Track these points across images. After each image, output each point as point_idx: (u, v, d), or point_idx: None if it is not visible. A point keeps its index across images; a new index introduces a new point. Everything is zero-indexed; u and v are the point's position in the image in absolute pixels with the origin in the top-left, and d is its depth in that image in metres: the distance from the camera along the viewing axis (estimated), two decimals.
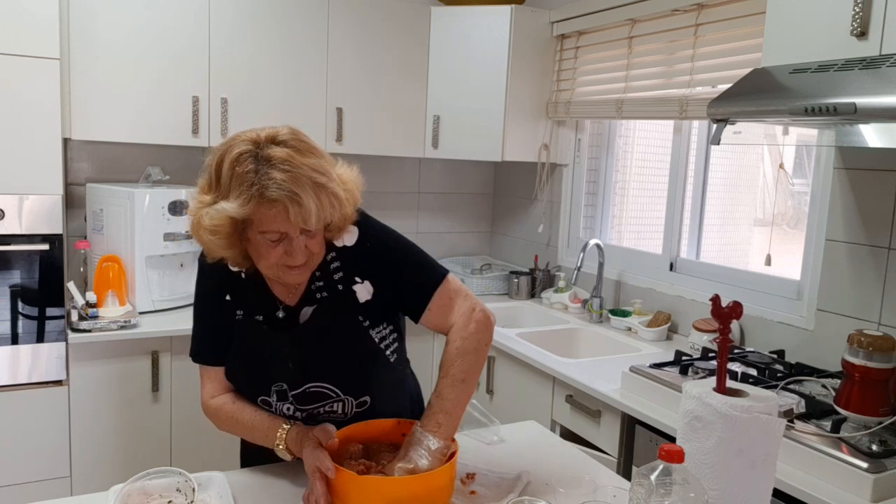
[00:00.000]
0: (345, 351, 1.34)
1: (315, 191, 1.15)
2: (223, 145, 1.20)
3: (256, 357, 1.35)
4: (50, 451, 2.38)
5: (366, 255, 1.35)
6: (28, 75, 2.24)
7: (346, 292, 1.35)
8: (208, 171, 1.21)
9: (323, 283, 1.35)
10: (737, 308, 1.14)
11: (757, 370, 1.96)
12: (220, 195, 1.17)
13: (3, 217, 2.26)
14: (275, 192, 1.12)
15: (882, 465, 1.44)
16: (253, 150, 1.16)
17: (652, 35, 2.65)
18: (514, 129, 3.10)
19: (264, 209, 1.14)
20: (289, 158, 1.15)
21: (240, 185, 1.14)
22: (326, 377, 1.34)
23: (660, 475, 0.97)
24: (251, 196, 1.13)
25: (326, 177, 1.18)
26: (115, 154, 2.93)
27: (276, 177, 1.13)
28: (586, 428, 2.15)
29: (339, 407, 1.37)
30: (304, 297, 1.35)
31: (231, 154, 1.16)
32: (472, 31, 3.06)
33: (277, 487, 1.35)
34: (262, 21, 2.78)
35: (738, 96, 1.74)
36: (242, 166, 1.14)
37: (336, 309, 1.34)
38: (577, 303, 2.94)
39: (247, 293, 1.36)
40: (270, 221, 1.16)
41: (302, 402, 1.35)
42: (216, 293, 1.38)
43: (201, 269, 1.42)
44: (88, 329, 2.37)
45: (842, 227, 2.03)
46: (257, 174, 1.13)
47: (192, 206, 1.23)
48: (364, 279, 1.35)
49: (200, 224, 1.19)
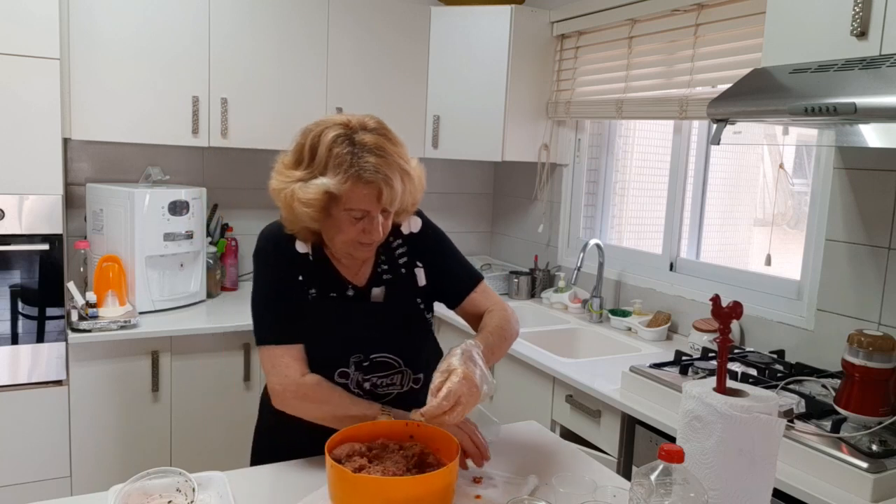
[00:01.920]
0: (410, 327, 1.49)
1: (402, 176, 1.31)
2: (316, 127, 1.32)
3: (332, 331, 1.42)
4: (50, 451, 2.38)
5: (426, 242, 1.52)
6: (28, 75, 2.24)
7: (409, 275, 1.50)
8: (299, 150, 1.33)
9: (388, 266, 1.49)
10: (737, 308, 1.14)
11: (757, 370, 1.96)
12: (315, 172, 1.29)
13: (3, 217, 2.26)
14: (371, 175, 1.27)
15: (882, 465, 1.44)
16: (347, 134, 1.29)
17: (652, 35, 2.64)
18: (514, 129, 3.10)
19: (359, 188, 1.27)
20: (381, 145, 1.29)
21: (337, 165, 1.27)
22: (393, 348, 1.45)
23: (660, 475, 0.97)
24: (349, 176, 1.26)
25: (408, 164, 1.35)
26: (115, 154, 2.93)
27: (371, 161, 1.27)
28: (586, 428, 2.15)
29: (398, 379, 1.47)
30: (371, 279, 1.47)
31: (327, 136, 1.29)
32: (472, 31, 3.06)
33: (277, 487, 1.35)
34: (262, 21, 2.78)
35: (738, 96, 1.74)
36: (339, 148, 1.27)
37: (402, 289, 1.49)
38: (577, 303, 2.94)
39: (317, 274, 1.44)
40: (360, 200, 1.29)
41: (369, 371, 1.44)
42: (289, 275, 1.42)
43: (266, 252, 1.44)
44: (88, 329, 2.37)
45: (842, 227, 2.03)
46: (353, 156, 1.27)
47: (276, 180, 1.34)
48: (423, 265, 1.51)
49: (294, 196, 1.29)
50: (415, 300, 1.50)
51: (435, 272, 1.52)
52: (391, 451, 1.29)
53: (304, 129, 1.34)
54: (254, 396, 2.68)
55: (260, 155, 3.19)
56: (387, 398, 1.47)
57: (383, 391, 1.46)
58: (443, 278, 1.53)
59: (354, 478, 1.15)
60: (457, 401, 1.23)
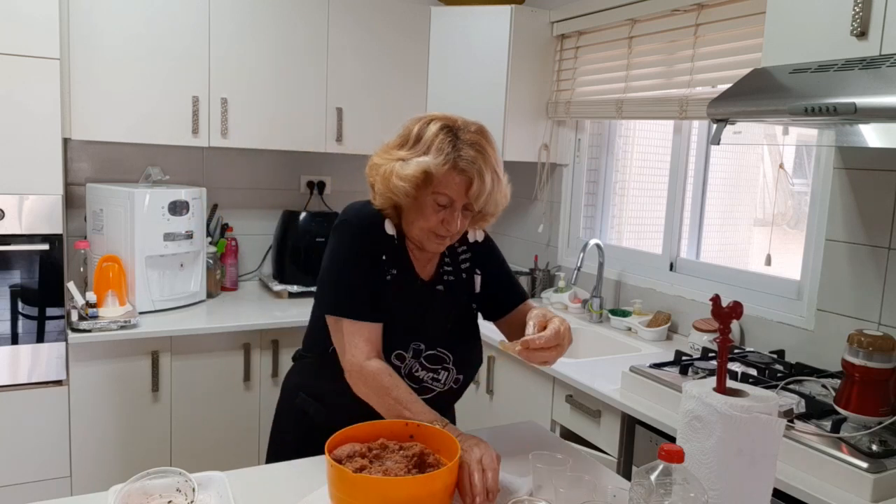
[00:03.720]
0: (465, 327, 1.55)
1: (492, 177, 1.39)
2: (422, 117, 1.43)
3: (405, 313, 1.46)
4: (50, 451, 2.38)
5: (488, 252, 1.62)
6: (28, 75, 2.24)
7: (468, 280, 1.58)
8: (405, 135, 1.42)
9: (452, 268, 1.56)
10: (737, 308, 1.14)
11: (757, 370, 1.96)
12: (417, 153, 1.38)
13: (3, 217, 2.26)
14: (467, 164, 1.36)
15: (882, 465, 1.44)
16: (451, 127, 1.39)
17: (652, 35, 2.65)
18: (514, 129, 3.10)
19: (453, 175, 1.36)
20: (481, 143, 1.39)
21: (440, 148, 1.36)
22: (448, 344, 1.50)
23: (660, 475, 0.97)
24: (448, 160, 1.35)
25: (501, 172, 1.43)
26: (115, 154, 2.93)
27: (470, 153, 1.36)
28: (586, 428, 2.15)
29: (444, 376, 1.50)
30: (435, 276, 1.54)
31: (434, 125, 1.39)
32: (472, 31, 3.06)
33: (277, 487, 1.35)
34: (262, 21, 2.78)
35: (738, 96, 1.74)
36: (444, 135, 1.37)
37: (460, 291, 1.56)
38: (577, 303, 2.94)
39: (398, 258, 1.48)
40: (450, 186, 1.37)
41: (429, 361, 1.48)
42: (373, 251, 1.45)
43: (353, 226, 1.45)
44: (88, 329, 2.37)
45: (842, 227, 2.03)
46: (455, 146, 1.36)
47: (379, 157, 1.43)
48: (481, 272, 1.60)
49: (394, 171, 1.37)
50: (470, 304, 1.58)
51: (491, 281, 1.60)
52: (391, 451, 1.29)
53: (413, 118, 1.45)
54: (254, 396, 2.69)
55: (260, 155, 3.19)
56: (429, 394, 1.48)
57: (428, 385, 1.49)
58: (498, 288, 1.61)
59: (354, 478, 1.15)
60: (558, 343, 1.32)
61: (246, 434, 2.70)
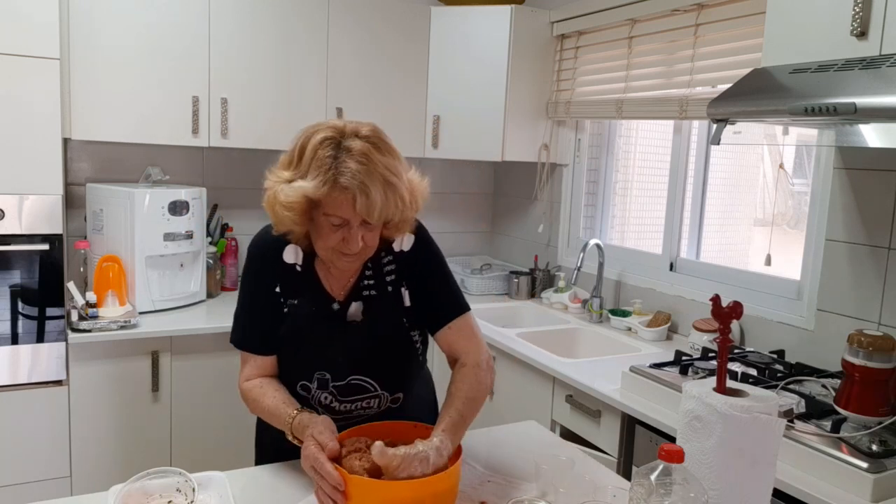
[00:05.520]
0: (389, 349, 1.43)
1: (384, 188, 1.24)
2: (310, 128, 1.29)
3: (306, 344, 1.41)
4: (50, 451, 2.38)
5: (416, 263, 1.45)
6: (28, 75, 2.24)
7: (395, 294, 1.44)
8: (291, 151, 1.30)
9: (374, 281, 1.43)
10: (737, 308, 1.14)
11: (757, 370, 1.96)
12: (299, 174, 1.26)
13: (3, 217, 2.26)
14: (347, 181, 1.21)
15: (882, 465, 1.44)
16: (336, 138, 1.25)
17: (652, 35, 2.64)
18: (514, 129, 3.09)
19: (335, 194, 1.23)
20: (367, 152, 1.24)
21: (318, 167, 1.23)
22: (370, 371, 1.42)
23: (660, 475, 0.97)
24: (326, 179, 1.22)
25: (397, 178, 1.27)
26: (115, 154, 2.93)
27: (351, 167, 1.22)
28: (586, 428, 2.15)
29: (375, 403, 1.45)
30: (351, 293, 1.42)
31: (316, 138, 1.25)
32: (472, 31, 3.06)
33: (277, 487, 1.35)
34: (262, 21, 2.78)
35: (738, 96, 1.74)
36: (324, 150, 1.24)
37: (384, 307, 1.43)
38: (577, 303, 2.94)
39: (300, 285, 1.41)
40: (337, 206, 1.24)
41: (343, 393, 1.42)
42: (266, 283, 1.42)
43: (252, 258, 1.45)
44: (88, 329, 2.37)
45: (842, 227, 2.03)
46: (335, 160, 1.23)
47: (269, 180, 1.30)
48: (409, 284, 1.45)
49: (276, 199, 1.27)
50: (399, 319, 1.43)
51: (419, 295, 1.45)
52: None
53: (303, 129, 1.32)
54: None
55: (260, 155, 3.19)
56: (362, 419, 1.45)
57: (357, 413, 1.46)
58: (425, 302, 1.45)
59: (355, 480, 1.15)
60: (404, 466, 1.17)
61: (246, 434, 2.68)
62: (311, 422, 1.28)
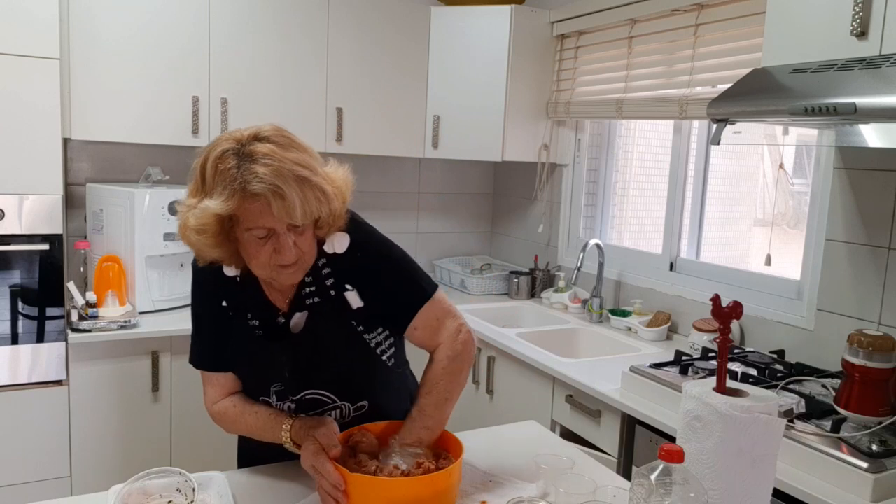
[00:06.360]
0: (339, 358, 1.34)
1: (298, 184, 1.14)
2: (208, 146, 1.20)
3: (254, 361, 1.36)
4: (50, 451, 2.38)
5: (356, 264, 1.33)
6: (28, 75, 2.24)
7: (338, 298, 1.33)
8: (194, 174, 1.20)
9: (315, 288, 1.33)
10: (737, 308, 1.14)
11: (757, 370, 1.96)
12: (204, 195, 1.16)
13: (3, 217, 2.26)
14: (257, 186, 1.11)
15: (882, 465, 1.44)
16: (236, 148, 1.15)
17: (652, 35, 2.64)
18: (514, 129, 3.10)
19: (248, 204, 1.14)
20: (270, 153, 1.14)
21: (223, 181, 1.14)
22: (322, 385, 1.36)
23: (660, 475, 0.97)
24: (234, 191, 1.13)
25: (310, 171, 1.17)
26: (115, 154, 2.93)
27: (257, 171, 1.12)
28: (586, 428, 2.15)
29: (337, 413, 1.39)
30: (294, 303, 1.34)
31: (214, 153, 1.16)
32: (472, 31, 3.06)
33: (277, 487, 1.35)
34: (262, 21, 2.78)
35: (738, 96, 1.74)
36: (225, 163, 1.14)
37: (329, 315, 1.33)
38: (577, 303, 2.94)
39: (243, 299, 1.35)
40: (256, 217, 1.15)
41: (301, 408, 1.38)
42: (211, 300, 1.37)
43: (195, 276, 1.40)
44: (88, 329, 2.37)
45: (842, 227, 2.03)
46: (239, 170, 1.13)
47: (179, 210, 1.22)
48: (353, 287, 1.34)
49: (187, 225, 1.18)
50: (349, 324, 1.33)
51: (374, 297, 1.34)
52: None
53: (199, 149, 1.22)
54: None
55: None
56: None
57: None
58: (380, 304, 1.34)
59: (355, 478, 1.15)
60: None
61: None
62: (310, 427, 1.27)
